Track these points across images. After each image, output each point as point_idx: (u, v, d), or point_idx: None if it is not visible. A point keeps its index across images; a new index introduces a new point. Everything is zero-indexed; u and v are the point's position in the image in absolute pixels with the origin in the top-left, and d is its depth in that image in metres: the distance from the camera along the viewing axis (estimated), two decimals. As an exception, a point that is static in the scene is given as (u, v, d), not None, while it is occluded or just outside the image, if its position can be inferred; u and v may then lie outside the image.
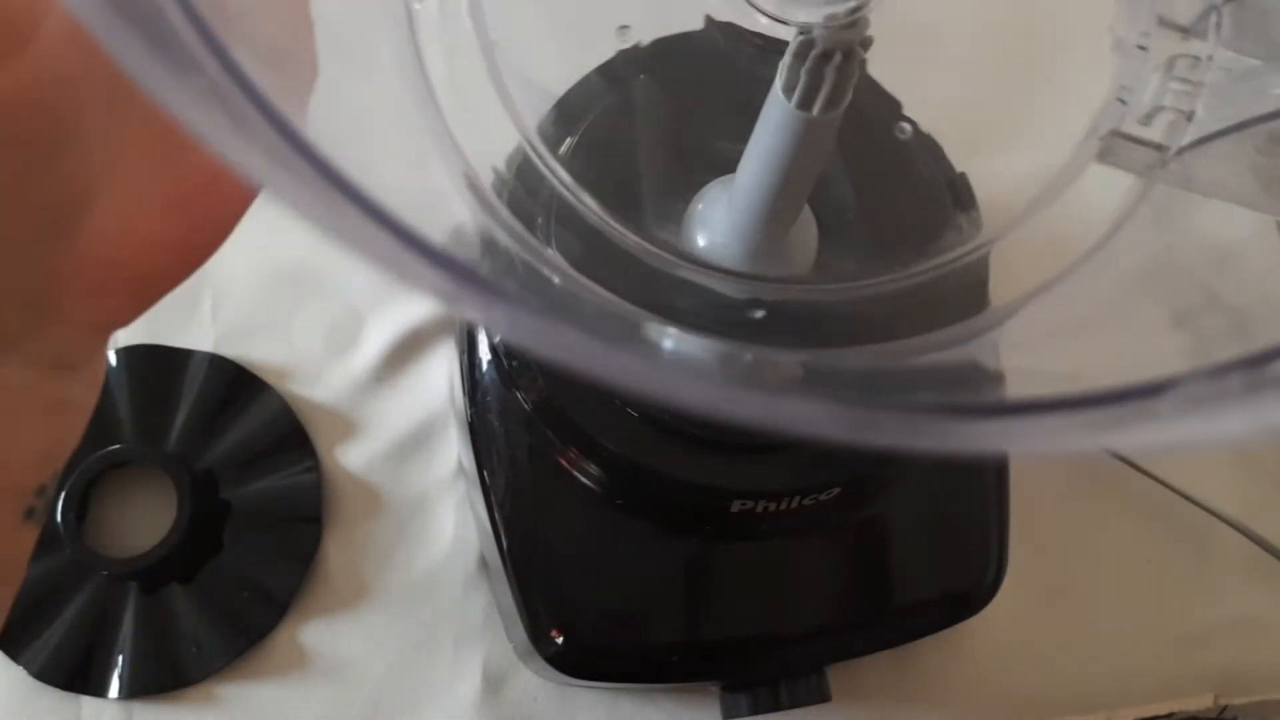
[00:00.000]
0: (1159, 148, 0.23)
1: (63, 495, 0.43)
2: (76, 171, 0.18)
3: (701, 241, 0.33)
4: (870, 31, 0.24)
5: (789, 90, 0.26)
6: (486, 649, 0.45)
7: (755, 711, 0.39)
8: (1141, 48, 0.23)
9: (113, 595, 0.43)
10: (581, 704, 0.45)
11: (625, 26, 0.30)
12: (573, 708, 0.45)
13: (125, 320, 0.21)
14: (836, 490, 0.36)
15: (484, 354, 0.38)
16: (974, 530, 0.39)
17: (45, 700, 0.42)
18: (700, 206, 0.34)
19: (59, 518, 0.43)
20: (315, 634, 0.44)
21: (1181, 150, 0.23)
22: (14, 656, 0.42)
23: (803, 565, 0.38)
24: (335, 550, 0.45)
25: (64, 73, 0.17)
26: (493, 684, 0.45)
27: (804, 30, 0.25)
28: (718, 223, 0.33)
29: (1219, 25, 0.22)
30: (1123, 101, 0.23)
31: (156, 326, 0.47)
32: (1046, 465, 0.49)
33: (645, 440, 0.35)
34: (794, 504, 0.36)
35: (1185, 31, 0.23)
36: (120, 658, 0.43)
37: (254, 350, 0.47)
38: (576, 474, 0.37)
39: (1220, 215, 0.23)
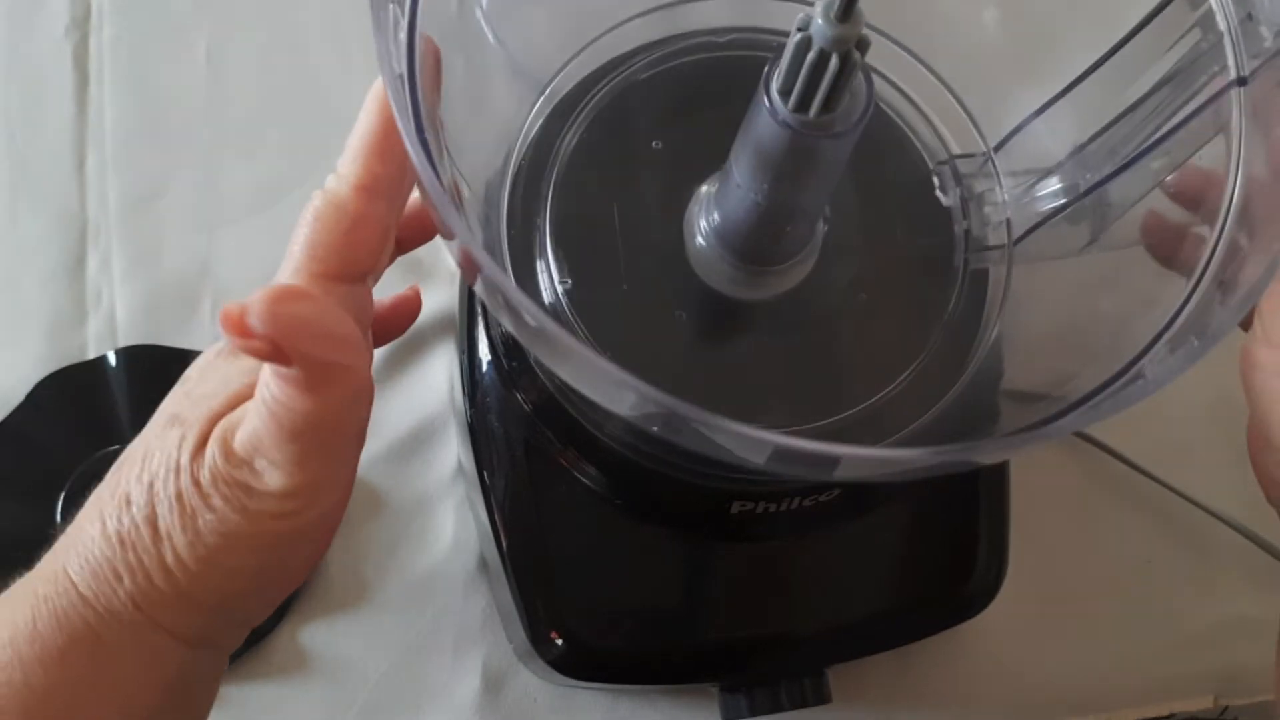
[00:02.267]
0: (1000, 246, 0.35)
1: (61, 496, 0.43)
2: None
3: (700, 241, 0.33)
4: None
5: (785, 93, 0.26)
6: (486, 650, 0.45)
7: (754, 713, 0.39)
8: (963, 198, 0.36)
9: (112, 596, 0.43)
10: (581, 705, 0.45)
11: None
12: (572, 708, 0.45)
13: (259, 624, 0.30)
14: (837, 491, 0.36)
15: (484, 354, 0.38)
16: (974, 531, 0.39)
17: (45, 701, 0.42)
18: (698, 206, 0.34)
19: (58, 519, 0.43)
20: (315, 634, 0.44)
21: (1015, 242, 0.35)
22: (13, 657, 0.42)
23: (803, 566, 0.38)
24: (335, 550, 0.45)
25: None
26: (492, 684, 0.45)
27: (801, 27, 0.25)
28: (714, 222, 0.33)
29: (994, 166, 0.36)
30: (968, 232, 0.35)
31: (156, 327, 0.47)
32: (1047, 467, 0.49)
33: (645, 441, 0.35)
34: (794, 505, 0.36)
35: (973, 177, 0.36)
36: (120, 658, 0.43)
37: (253, 350, 0.47)
38: (576, 475, 0.37)
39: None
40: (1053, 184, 0.34)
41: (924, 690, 0.46)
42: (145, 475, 0.26)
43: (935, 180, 0.36)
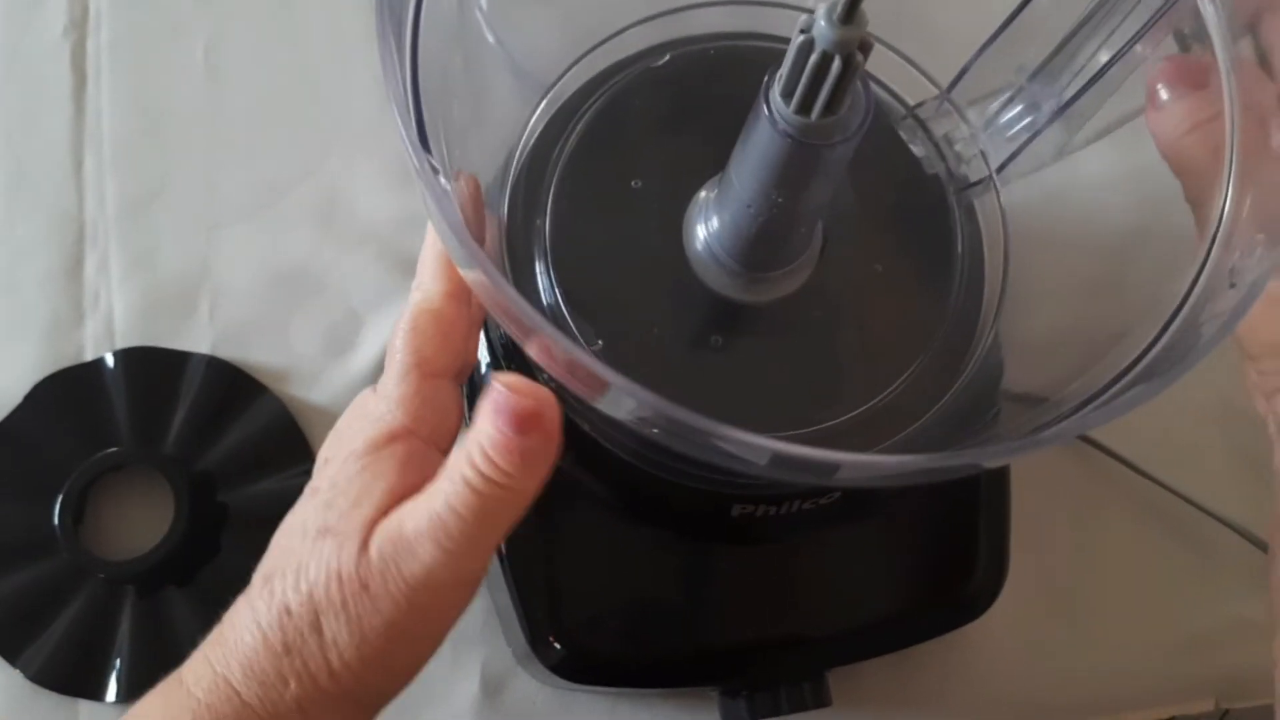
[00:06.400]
0: (983, 179, 0.36)
1: (60, 498, 0.43)
2: None
3: (699, 242, 0.33)
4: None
5: (787, 95, 0.26)
6: (485, 653, 0.45)
7: (755, 717, 0.39)
8: (933, 144, 0.36)
9: (110, 598, 0.43)
10: (580, 708, 0.45)
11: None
12: (571, 712, 0.44)
13: None
14: (838, 494, 0.36)
15: (484, 356, 0.38)
16: (974, 534, 0.39)
17: (43, 703, 0.42)
18: (697, 210, 0.34)
19: (56, 520, 0.43)
20: (313, 637, 0.44)
21: (999, 171, 0.36)
22: (11, 660, 0.42)
23: (803, 569, 0.38)
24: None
25: None
26: (491, 688, 0.44)
27: (804, 29, 0.25)
28: (714, 223, 0.33)
29: (953, 104, 0.36)
30: (951, 173, 0.36)
31: (154, 328, 0.47)
32: (1047, 469, 0.49)
33: (645, 445, 0.34)
34: (795, 508, 0.35)
35: (934, 119, 0.36)
36: (118, 661, 0.42)
37: (252, 352, 0.47)
38: (575, 478, 0.37)
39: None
40: (1016, 108, 0.35)
41: (924, 693, 0.46)
42: (303, 585, 0.27)
43: (902, 135, 0.36)
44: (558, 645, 0.36)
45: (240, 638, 0.28)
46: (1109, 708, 0.47)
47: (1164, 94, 0.31)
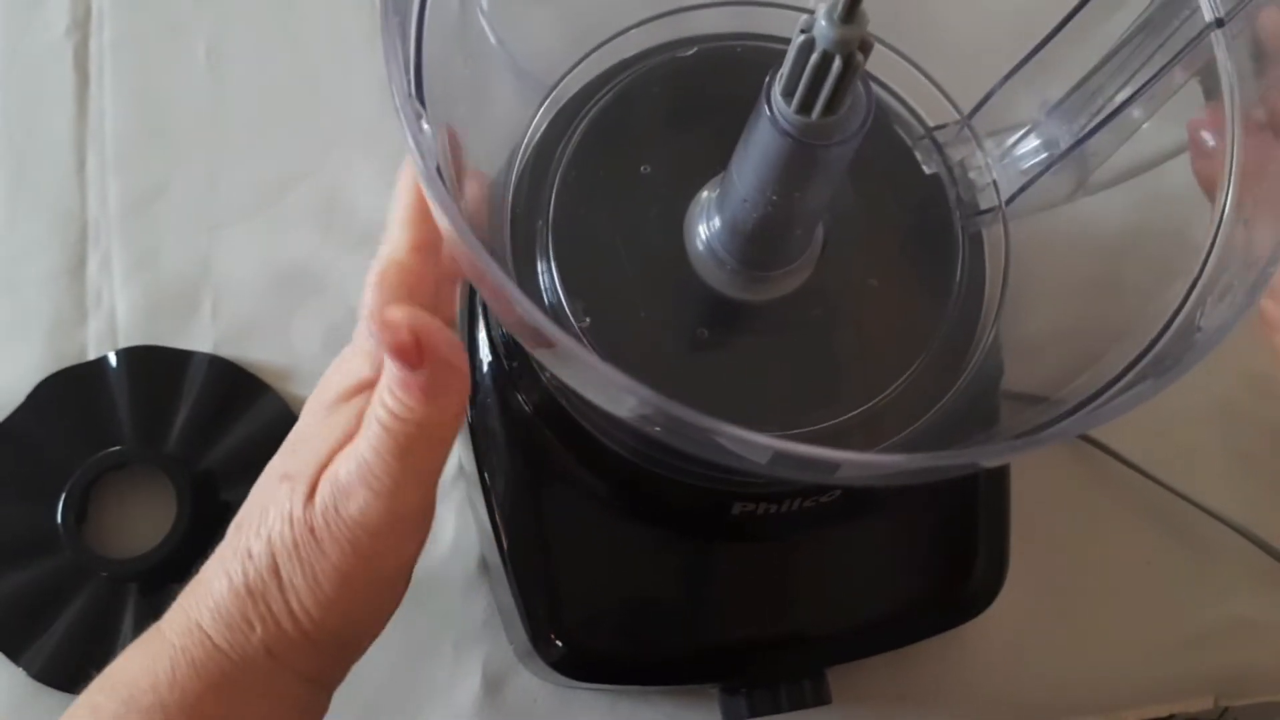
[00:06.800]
0: (992, 209, 0.36)
1: (63, 497, 0.43)
2: None
3: (700, 240, 0.33)
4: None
5: (788, 95, 0.26)
6: (486, 650, 0.45)
7: (754, 714, 0.39)
8: (947, 167, 0.37)
9: (112, 596, 0.43)
10: (581, 705, 0.45)
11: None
12: (572, 709, 0.45)
13: None
14: (838, 492, 0.36)
15: (484, 355, 0.38)
16: (974, 533, 0.39)
17: (45, 701, 0.42)
18: (699, 209, 0.34)
19: (59, 519, 0.43)
20: (315, 635, 0.44)
21: (1008, 202, 0.36)
22: (14, 658, 0.42)
23: (803, 567, 0.38)
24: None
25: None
26: (492, 685, 0.45)
27: (805, 29, 0.25)
28: (715, 221, 0.33)
29: (972, 131, 0.36)
30: (961, 198, 0.36)
31: (156, 327, 0.47)
32: (1047, 468, 0.49)
33: (646, 443, 0.35)
34: (795, 506, 0.36)
35: (952, 145, 0.37)
36: (120, 659, 0.43)
37: (254, 351, 0.47)
38: (577, 475, 0.37)
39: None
40: (1033, 142, 0.35)
41: (924, 691, 0.46)
42: (263, 530, 0.28)
43: (917, 155, 0.37)
44: (559, 643, 0.36)
45: (210, 584, 0.28)
46: (1108, 706, 0.47)
47: (1209, 140, 0.31)
